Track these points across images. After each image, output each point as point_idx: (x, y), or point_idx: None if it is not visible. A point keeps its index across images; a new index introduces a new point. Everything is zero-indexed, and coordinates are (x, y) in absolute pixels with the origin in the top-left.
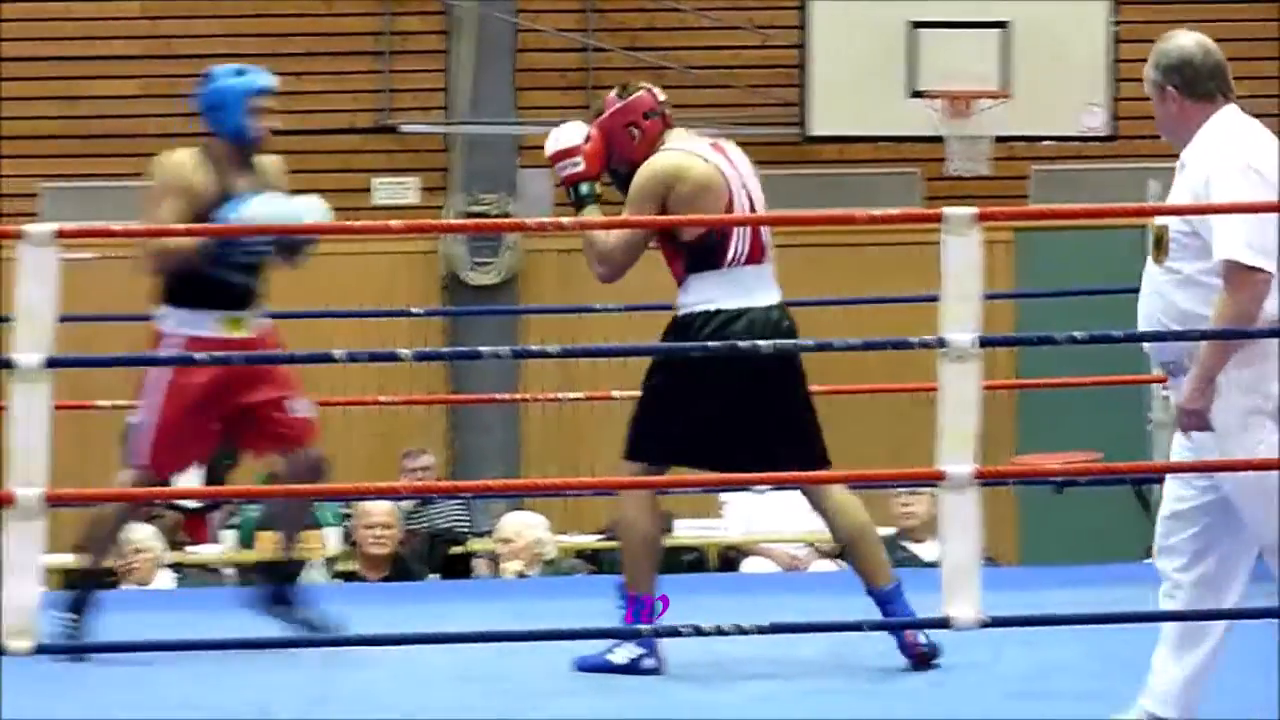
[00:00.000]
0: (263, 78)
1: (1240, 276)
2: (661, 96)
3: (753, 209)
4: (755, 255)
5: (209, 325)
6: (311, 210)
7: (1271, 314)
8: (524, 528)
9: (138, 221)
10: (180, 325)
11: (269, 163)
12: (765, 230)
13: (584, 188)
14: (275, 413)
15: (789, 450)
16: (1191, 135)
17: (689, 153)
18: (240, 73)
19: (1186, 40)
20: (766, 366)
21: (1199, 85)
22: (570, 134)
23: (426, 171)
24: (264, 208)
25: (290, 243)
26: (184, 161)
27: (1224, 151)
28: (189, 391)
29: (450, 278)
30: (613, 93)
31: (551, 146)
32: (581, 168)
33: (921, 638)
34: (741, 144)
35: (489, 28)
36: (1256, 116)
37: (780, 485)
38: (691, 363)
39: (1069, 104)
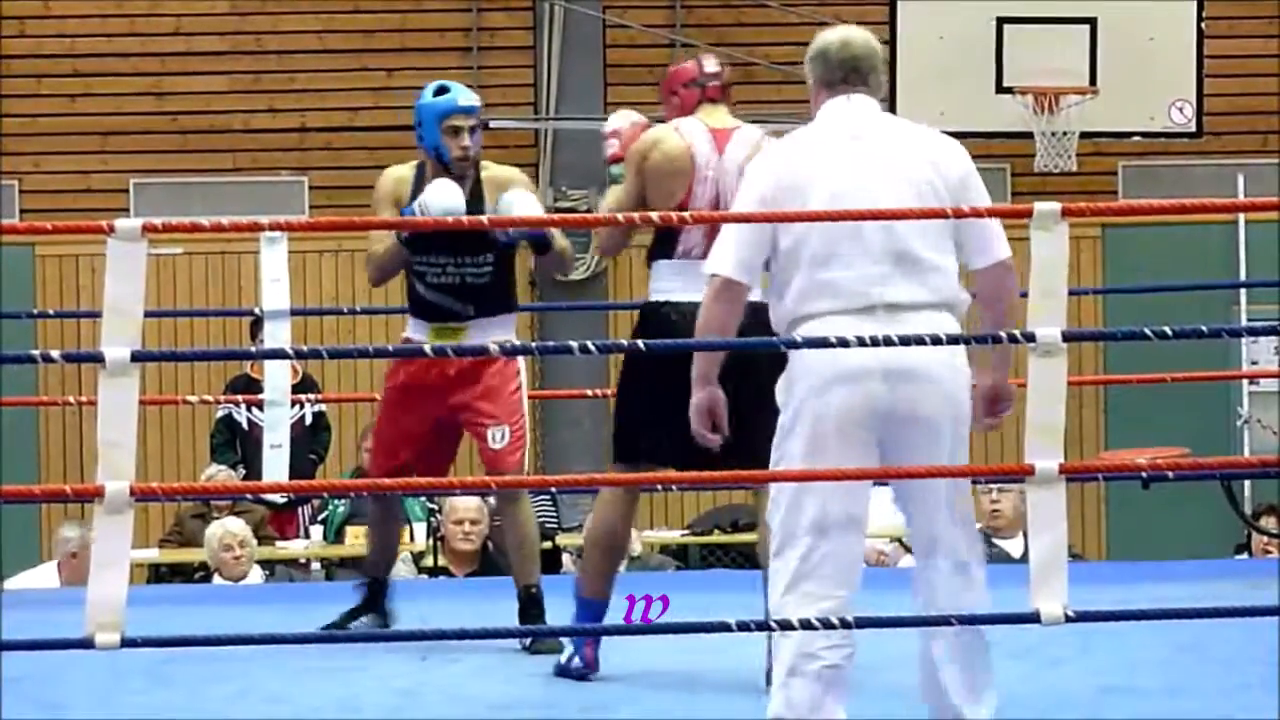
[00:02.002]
0: (461, 97)
1: (718, 287)
2: (710, 69)
3: (717, 204)
4: (696, 253)
5: (423, 333)
6: (519, 203)
7: (785, 318)
8: None
9: (226, 216)
10: (407, 330)
11: (498, 176)
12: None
13: (614, 169)
14: (476, 440)
15: (751, 448)
16: None
17: (674, 127)
18: (442, 90)
19: (832, 34)
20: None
21: (825, 76)
22: (616, 119)
23: (515, 167)
24: (435, 201)
25: (531, 240)
26: (394, 176)
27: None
28: (391, 393)
29: (539, 273)
30: None
31: (604, 129)
32: (613, 149)
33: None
34: None
35: (576, 24)
36: None
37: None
38: (653, 360)
39: (1156, 100)
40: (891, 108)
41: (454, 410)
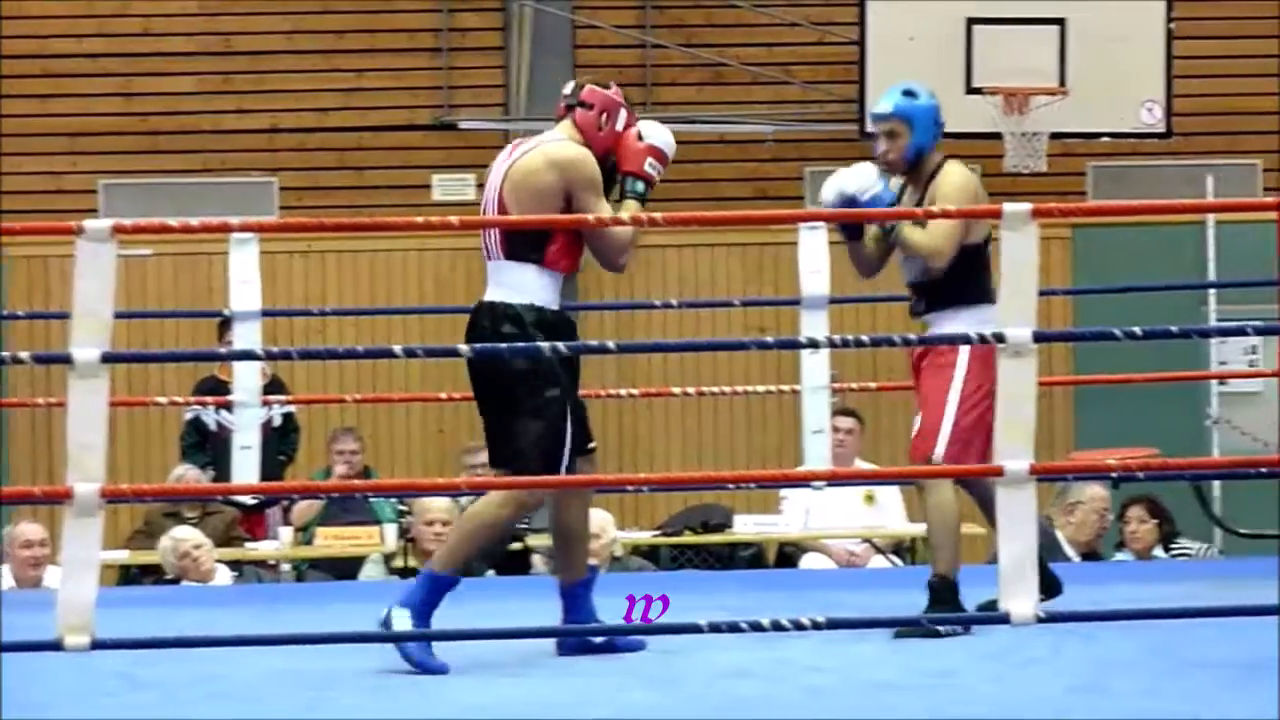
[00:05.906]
0: (877, 105)
1: None
2: (564, 89)
3: (488, 209)
4: (487, 254)
5: None
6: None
7: None
8: (606, 524)
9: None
10: None
11: (941, 180)
12: (492, 231)
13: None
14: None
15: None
16: None
17: None
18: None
19: None
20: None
21: None
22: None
23: (485, 168)
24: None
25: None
26: None
27: None
28: None
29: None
30: None
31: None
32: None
33: None
34: (799, 140)
35: (546, 24)
36: None
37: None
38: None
39: (1126, 101)
40: (860, 108)
41: None
